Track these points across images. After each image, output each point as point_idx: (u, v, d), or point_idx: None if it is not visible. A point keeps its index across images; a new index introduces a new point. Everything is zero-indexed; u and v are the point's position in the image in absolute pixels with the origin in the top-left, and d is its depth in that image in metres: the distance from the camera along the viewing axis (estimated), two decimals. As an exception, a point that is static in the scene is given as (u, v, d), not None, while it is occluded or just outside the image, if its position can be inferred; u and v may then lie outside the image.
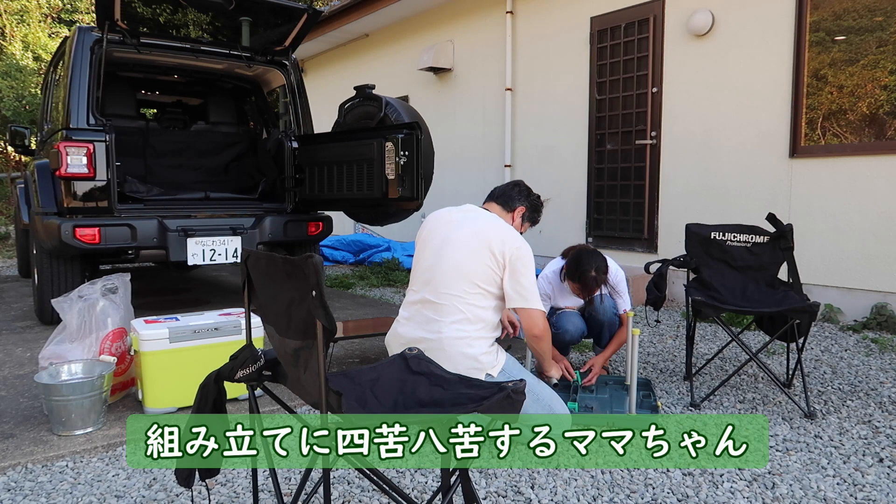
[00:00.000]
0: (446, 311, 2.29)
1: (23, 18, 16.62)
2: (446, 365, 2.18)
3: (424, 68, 7.69)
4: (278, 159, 5.00)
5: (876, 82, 4.17)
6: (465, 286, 2.29)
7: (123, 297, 2.89)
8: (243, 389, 2.79)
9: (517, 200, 2.62)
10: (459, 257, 2.31)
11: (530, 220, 2.69)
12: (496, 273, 2.31)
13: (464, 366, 2.23)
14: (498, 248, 2.30)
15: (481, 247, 2.30)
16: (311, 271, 1.26)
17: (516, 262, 2.30)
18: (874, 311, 4.16)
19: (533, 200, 2.67)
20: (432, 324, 2.31)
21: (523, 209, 2.63)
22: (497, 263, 2.30)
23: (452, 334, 2.27)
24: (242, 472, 2.17)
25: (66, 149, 3.89)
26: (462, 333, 2.27)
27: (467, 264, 2.30)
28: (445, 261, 2.32)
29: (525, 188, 2.67)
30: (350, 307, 5.12)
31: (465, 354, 2.25)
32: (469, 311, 2.29)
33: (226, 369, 1.53)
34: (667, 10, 5.28)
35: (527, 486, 2.05)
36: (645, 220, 5.51)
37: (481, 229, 2.35)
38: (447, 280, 2.31)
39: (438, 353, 2.22)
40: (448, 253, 2.33)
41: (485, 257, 2.29)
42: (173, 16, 4.46)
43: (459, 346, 2.26)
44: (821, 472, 2.14)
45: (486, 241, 2.31)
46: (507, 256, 2.30)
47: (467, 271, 2.30)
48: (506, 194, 2.63)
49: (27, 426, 2.54)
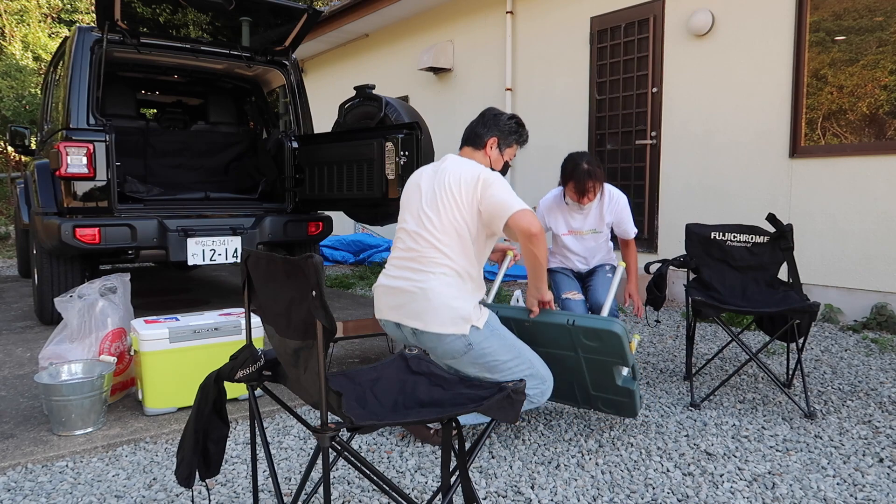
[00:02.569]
0: (431, 263, 2.25)
1: (23, 18, 16.62)
2: (433, 317, 2.18)
3: (424, 68, 7.69)
4: (278, 159, 5.00)
5: (876, 82, 4.17)
6: (447, 238, 2.25)
7: (123, 297, 2.89)
8: (243, 389, 2.79)
9: (484, 134, 2.50)
10: (439, 211, 2.28)
11: (509, 143, 2.54)
12: (472, 212, 2.26)
13: (448, 317, 2.18)
14: (466, 188, 2.26)
15: (454, 195, 2.27)
16: (311, 271, 1.26)
17: (485, 189, 2.24)
18: (874, 311, 4.16)
19: (503, 125, 2.52)
20: (418, 274, 2.26)
21: (494, 139, 2.50)
22: (469, 203, 2.26)
23: (437, 286, 2.22)
24: (242, 472, 2.17)
25: (66, 149, 3.89)
26: (447, 287, 2.22)
27: (446, 215, 2.26)
28: (426, 216, 2.30)
29: (491, 115, 2.53)
30: (350, 307, 5.12)
31: (450, 307, 2.19)
32: (456, 262, 2.25)
33: (226, 369, 1.54)
34: (667, 10, 5.28)
35: (527, 486, 2.05)
36: (645, 220, 5.51)
37: (451, 179, 2.30)
38: (430, 235, 2.27)
39: (423, 304, 2.20)
40: (427, 209, 2.31)
41: (458, 202, 2.26)
42: (173, 16, 4.46)
43: (444, 297, 2.20)
44: (821, 472, 2.14)
45: (455, 187, 2.27)
46: (477, 189, 2.25)
47: (447, 222, 2.26)
48: (473, 132, 2.52)
49: (27, 426, 2.54)
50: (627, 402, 2.40)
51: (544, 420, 2.65)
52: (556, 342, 2.41)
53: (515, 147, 2.57)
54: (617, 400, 2.42)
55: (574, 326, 2.30)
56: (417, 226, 2.30)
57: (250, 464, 2.18)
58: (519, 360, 2.25)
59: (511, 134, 2.52)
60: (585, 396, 2.52)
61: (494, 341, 2.22)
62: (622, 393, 2.38)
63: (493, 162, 2.48)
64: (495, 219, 2.21)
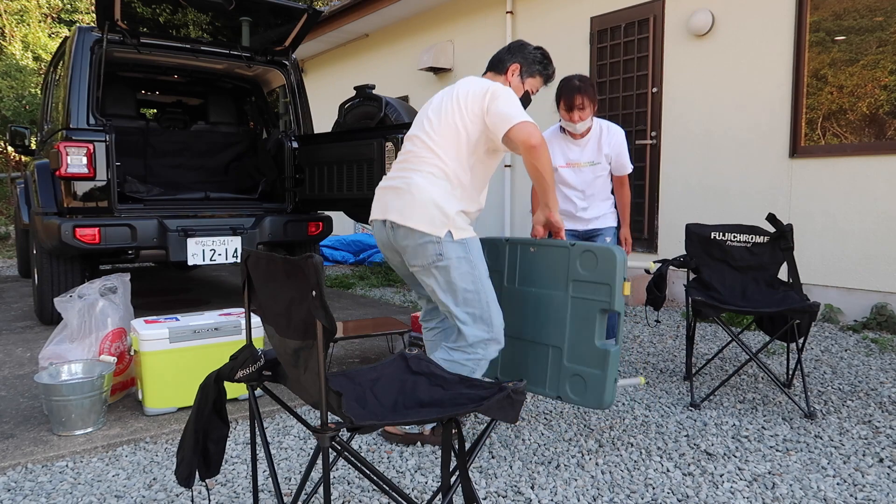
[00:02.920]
0: (423, 162, 2.23)
1: (23, 18, 16.63)
2: (412, 211, 2.14)
3: (424, 68, 7.69)
4: (278, 159, 5.00)
5: (876, 82, 4.17)
6: (442, 140, 2.22)
7: (123, 297, 2.89)
8: (243, 389, 2.79)
9: (507, 60, 2.44)
10: (441, 115, 2.25)
11: (532, 73, 2.47)
12: (475, 120, 2.21)
13: (426, 214, 2.14)
14: (473, 98, 2.22)
15: (459, 103, 2.24)
16: (311, 271, 1.26)
17: (493, 100, 2.18)
18: (874, 311, 4.16)
19: (528, 54, 2.45)
20: (407, 172, 2.24)
21: (517, 66, 2.43)
22: (475, 113, 2.21)
23: (422, 182, 2.18)
24: (242, 472, 2.17)
25: (66, 149, 3.89)
26: (433, 185, 2.18)
27: (446, 119, 2.23)
28: (427, 120, 2.28)
29: (517, 44, 2.47)
30: (350, 307, 5.12)
31: (432, 203, 2.14)
32: (446, 164, 2.21)
33: (226, 369, 1.53)
34: (667, 10, 5.28)
35: (527, 486, 2.05)
36: (645, 220, 5.51)
37: (460, 91, 2.27)
38: (426, 136, 2.25)
39: (406, 198, 2.17)
40: (430, 114, 2.29)
41: (462, 110, 2.22)
42: (173, 16, 4.46)
43: (428, 193, 2.16)
44: (821, 472, 2.14)
45: (463, 97, 2.24)
46: (480, 100, 2.21)
47: (444, 123, 2.23)
48: (496, 58, 2.46)
49: (27, 426, 2.54)
50: (598, 377, 2.14)
51: (544, 420, 2.65)
52: (552, 273, 2.30)
53: (539, 79, 2.49)
54: (589, 373, 2.17)
55: (574, 247, 2.23)
56: (418, 129, 2.29)
57: (250, 464, 2.18)
58: (477, 297, 2.18)
59: (535, 63, 2.45)
60: (557, 372, 2.27)
61: (464, 265, 2.17)
62: (596, 361, 2.15)
63: (513, 88, 2.41)
64: (497, 129, 2.15)
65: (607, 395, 2.13)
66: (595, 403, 2.16)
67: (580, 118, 3.09)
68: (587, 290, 2.19)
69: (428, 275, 2.20)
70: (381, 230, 2.29)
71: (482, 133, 2.21)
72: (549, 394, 2.31)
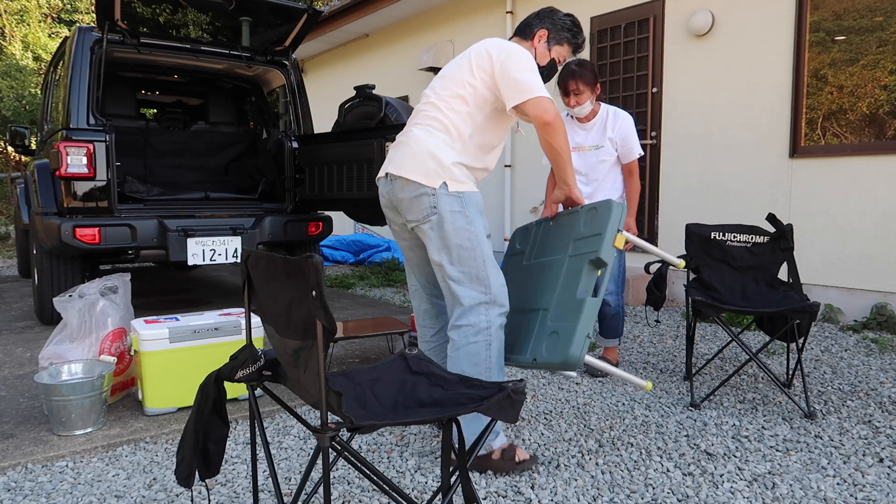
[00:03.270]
0: (425, 116, 2.17)
1: (23, 18, 16.63)
2: (405, 162, 2.09)
3: (424, 68, 7.69)
4: (278, 159, 5.00)
5: (876, 82, 4.17)
6: (447, 94, 2.15)
7: (123, 297, 2.89)
8: (243, 389, 2.79)
9: (535, 25, 2.33)
10: (451, 70, 2.20)
11: (559, 40, 2.35)
12: (484, 76, 2.12)
13: (422, 165, 2.08)
14: (487, 55, 2.13)
15: (472, 60, 2.16)
16: (311, 271, 1.26)
17: (505, 60, 2.08)
18: (874, 311, 4.16)
19: (557, 20, 2.34)
20: (410, 126, 2.20)
21: (544, 32, 2.32)
22: (486, 69, 2.11)
23: (421, 134, 2.13)
24: (242, 472, 2.17)
25: (66, 149, 3.89)
26: (431, 136, 2.12)
27: (455, 74, 2.16)
28: (440, 77, 2.22)
29: (548, 9, 2.36)
30: (350, 307, 5.12)
31: (428, 154, 2.08)
32: (447, 118, 2.13)
33: (226, 369, 1.53)
34: (667, 10, 5.28)
35: (527, 486, 2.05)
36: (645, 220, 5.51)
37: (478, 48, 2.18)
38: (433, 92, 2.19)
39: (404, 149, 2.13)
40: (445, 70, 2.23)
41: (472, 66, 2.14)
42: (173, 16, 4.46)
43: (425, 144, 2.10)
44: (821, 472, 2.14)
45: (476, 51, 2.17)
46: (493, 56, 2.11)
47: (452, 79, 2.16)
48: (524, 23, 2.36)
49: (27, 426, 2.54)
50: (569, 329, 1.97)
51: (544, 420, 2.65)
52: (561, 240, 2.23)
53: (567, 48, 2.38)
54: (562, 327, 2.01)
55: (582, 208, 2.17)
56: (428, 87, 2.24)
57: (250, 464, 2.18)
58: (472, 255, 2.09)
59: (564, 30, 2.35)
60: (539, 333, 2.11)
61: (459, 219, 2.09)
62: (571, 313, 2.00)
63: (538, 55, 2.32)
64: (508, 96, 2.07)
65: (573, 348, 1.91)
66: (561, 359, 1.94)
67: (577, 103, 3.13)
68: (582, 245, 2.12)
69: (423, 231, 2.12)
70: (383, 186, 2.22)
71: (491, 90, 2.12)
72: (526, 359, 2.10)
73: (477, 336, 2.09)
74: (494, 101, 2.14)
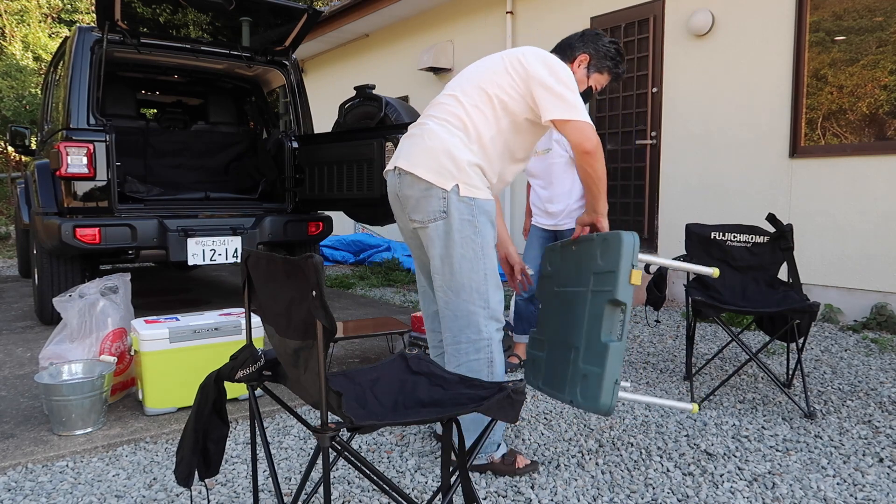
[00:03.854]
0: (444, 110, 2.04)
1: (23, 18, 16.64)
2: (417, 157, 1.97)
3: (424, 68, 7.70)
4: (278, 159, 5.00)
5: (876, 82, 4.17)
6: (473, 91, 2.01)
7: (123, 297, 2.89)
8: (243, 389, 2.79)
9: (578, 48, 2.20)
10: (481, 67, 2.06)
11: (600, 68, 2.24)
12: (513, 82, 1.99)
13: (435, 162, 1.96)
14: (524, 57, 2.00)
15: (504, 58, 2.04)
16: (311, 271, 1.26)
17: (546, 71, 1.96)
18: (874, 311, 4.16)
19: (601, 46, 2.21)
20: (426, 118, 2.08)
21: (586, 57, 2.20)
22: (517, 71, 1.99)
23: (437, 129, 2.00)
24: (242, 472, 2.17)
25: (67, 149, 3.89)
26: (448, 134, 1.99)
27: (486, 73, 2.03)
28: (464, 75, 2.10)
29: (592, 33, 2.23)
30: (350, 307, 5.12)
31: (444, 151, 1.95)
32: (468, 116, 2.00)
33: (226, 369, 1.54)
34: (667, 10, 5.28)
35: (527, 486, 2.05)
36: (645, 220, 5.51)
37: (513, 50, 2.06)
38: (458, 86, 2.05)
39: (417, 143, 2.01)
40: (470, 69, 2.11)
41: (506, 65, 2.02)
42: (173, 16, 4.46)
43: (440, 140, 1.97)
44: (821, 472, 2.14)
45: (511, 54, 2.04)
46: (530, 64, 1.98)
47: (481, 76, 2.02)
48: (566, 42, 2.23)
49: (27, 426, 2.54)
50: (596, 375, 1.94)
51: (544, 420, 2.65)
52: (581, 269, 2.13)
53: (607, 77, 2.27)
54: (591, 372, 1.97)
55: (597, 237, 2.06)
56: (453, 81, 2.11)
57: (250, 464, 2.18)
58: (476, 268, 1.99)
59: (606, 58, 2.24)
60: (574, 374, 2.06)
61: (467, 228, 1.98)
62: (597, 358, 1.95)
63: (576, 80, 2.17)
64: (547, 109, 1.96)
65: (604, 396, 1.91)
66: (592, 405, 1.95)
67: None
68: (601, 281, 2.04)
69: (426, 233, 2.02)
70: (391, 180, 2.11)
71: (523, 98, 2.00)
72: (565, 399, 2.10)
73: (479, 353, 2.02)
74: (524, 110, 2.02)
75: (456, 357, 2.05)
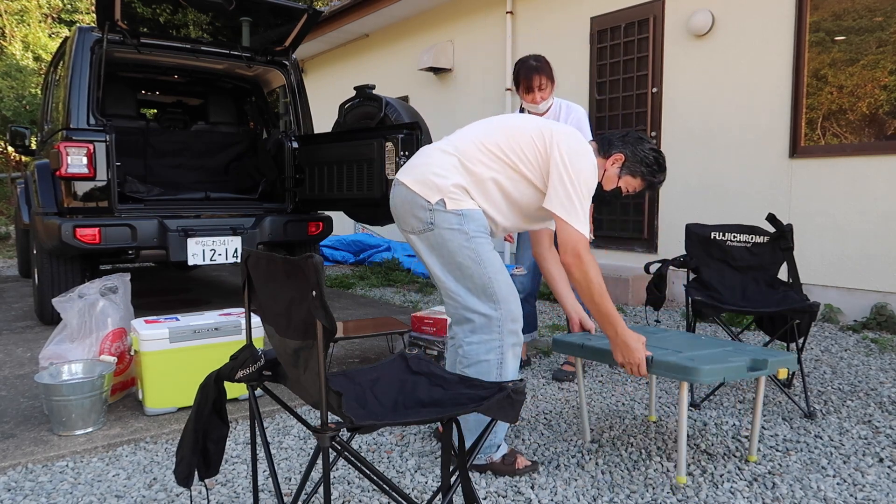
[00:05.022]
0: (449, 144, 2.07)
1: (23, 18, 16.64)
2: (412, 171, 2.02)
3: (424, 68, 7.70)
4: (278, 159, 5.00)
5: (876, 82, 4.17)
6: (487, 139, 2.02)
7: (123, 297, 2.89)
8: (243, 389, 2.79)
9: (617, 146, 2.14)
10: (508, 118, 2.07)
11: (634, 172, 2.15)
12: (536, 153, 1.99)
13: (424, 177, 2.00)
14: (551, 137, 1.99)
15: (536, 120, 2.02)
16: (311, 271, 1.26)
17: (568, 163, 1.95)
18: (874, 311, 4.16)
19: (640, 150, 2.13)
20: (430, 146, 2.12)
21: (621, 157, 2.13)
22: (540, 146, 1.99)
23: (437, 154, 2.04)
24: (242, 472, 2.17)
25: (67, 149, 3.89)
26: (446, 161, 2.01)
27: (507, 123, 2.04)
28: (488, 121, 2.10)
29: (635, 136, 2.17)
30: (350, 307, 5.12)
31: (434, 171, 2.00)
32: (468, 150, 2.01)
33: (226, 369, 1.54)
34: (667, 10, 5.28)
35: (527, 486, 2.05)
36: (645, 220, 5.51)
37: (550, 121, 2.06)
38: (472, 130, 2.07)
39: (415, 160, 2.07)
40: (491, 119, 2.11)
41: (528, 138, 2.00)
42: (173, 16, 4.46)
43: (435, 162, 2.02)
44: (821, 472, 2.14)
45: (546, 123, 2.02)
46: (558, 150, 1.97)
47: (504, 127, 2.03)
48: (608, 137, 2.18)
49: (27, 426, 2.54)
50: None
51: (544, 420, 2.65)
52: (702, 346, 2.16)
53: (639, 182, 2.18)
54: None
55: (653, 362, 1.99)
56: (477, 124, 2.11)
57: (250, 464, 2.18)
58: (478, 272, 1.97)
59: (642, 164, 2.15)
60: None
61: (458, 237, 1.97)
62: None
63: (606, 177, 2.15)
64: (552, 196, 1.96)
65: None
66: None
67: (542, 98, 3.13)
68: None
69: (418, 244, 2.04)
70: (391, 191, 2.16)
71: (539, 168, 2.01)
72: None
73: (489, 354, 2.01)
74: (533, 175, 2.02)
75: (468, 357, 2.05)
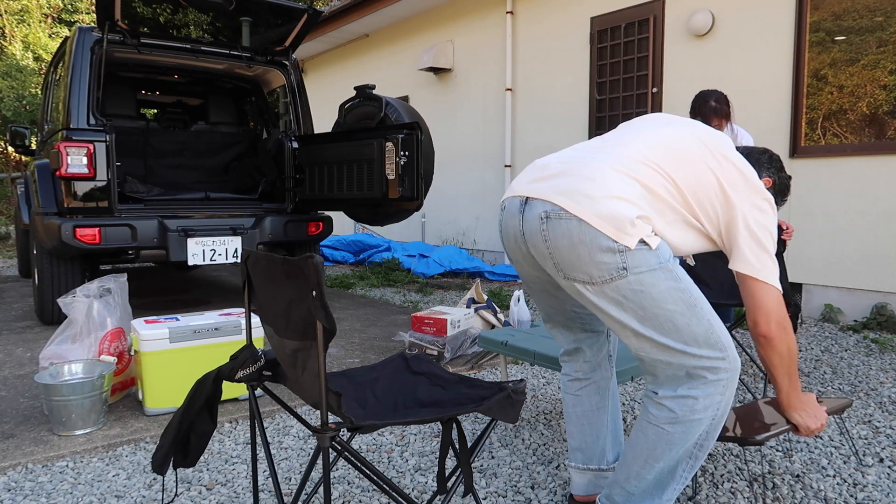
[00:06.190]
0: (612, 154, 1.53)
1: (23, 18, 16.65)
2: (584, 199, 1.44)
3: (424, 68, 7.70)
4: (278, 159, 5.01)
5: (876, 82, 4.17)
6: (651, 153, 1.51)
7: (120, 298, 2.90)
8: (243, 389, 2.79)
9: (765, 169, 1.91)
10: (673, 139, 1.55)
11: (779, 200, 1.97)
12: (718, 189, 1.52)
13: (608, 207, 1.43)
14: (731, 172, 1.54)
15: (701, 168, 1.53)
16: (312, 272, 1.26)
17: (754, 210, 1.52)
18: (874, 311, 4.16)
19: (783, 178, 1.95)
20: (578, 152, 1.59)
21: (769, 182, 1.90)
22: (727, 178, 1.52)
23: (609, 170, 1.48)
24: (242, 472, 2.17)
25: (67, 149, 3.89)
26: (621, 182, 1.46)
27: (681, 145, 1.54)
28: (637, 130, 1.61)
29: (777, 159, 1.95)
30: (350, 307, 5.13)
31: (617, 196, 1.44)
32: (638, 172, 1.48)
33: (226, 369, 1.54)
34: (667, 10, 5.28)
35: (527, 487, 2.05)
36: (645, 220, 5.51)
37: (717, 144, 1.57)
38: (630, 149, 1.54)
39: (581, 180, 1.48)
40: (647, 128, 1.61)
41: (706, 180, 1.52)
42: (173, 16, 4.47)
43: (613, 182, 1.46)
44: (821, 472, 2.14)
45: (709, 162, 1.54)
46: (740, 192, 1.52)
47: (675, 169, 1.50)
48: (751, 157, 1.93)
49: (27, 426, 2.54)
50: None
51: (544, 420, 2.65)
52: None
53: None
54: None
55: None
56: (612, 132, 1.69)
57: (250, 464, 2.18)
58: (696, 316, 1.47)
59: (781, 194, 1.97)
60: None
61: (661, 276, 1.45)
62: None
63: None
64: (737, 259, 1.52)
65: None
66: None
67: None
68: None
69: (601, 296, 1.47)
70: (513, 217, 1.59)
71: (718, 220, 1.54)
72: None
73: (706, 412, 1.50)
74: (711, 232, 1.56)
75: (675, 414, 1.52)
